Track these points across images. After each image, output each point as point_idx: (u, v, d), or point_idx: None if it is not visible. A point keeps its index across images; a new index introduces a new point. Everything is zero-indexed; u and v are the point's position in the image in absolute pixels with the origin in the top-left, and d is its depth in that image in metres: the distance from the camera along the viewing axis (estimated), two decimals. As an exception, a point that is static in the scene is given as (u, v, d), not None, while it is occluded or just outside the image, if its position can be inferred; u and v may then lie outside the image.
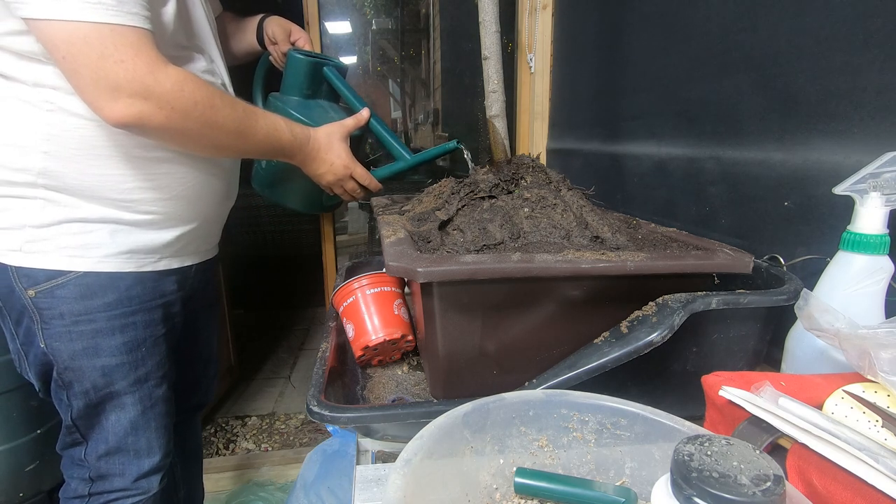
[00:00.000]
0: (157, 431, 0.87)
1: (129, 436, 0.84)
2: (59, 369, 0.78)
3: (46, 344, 0.77)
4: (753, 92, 0.74)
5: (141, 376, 0.83)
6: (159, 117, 0.66)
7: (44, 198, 0.72)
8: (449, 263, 0.51)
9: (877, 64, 0.57)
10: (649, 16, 1.02)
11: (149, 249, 0.81)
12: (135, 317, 0.81)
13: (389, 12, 2.76)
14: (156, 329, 0.84)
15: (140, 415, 0.84)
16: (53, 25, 0.60)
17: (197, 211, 0.86)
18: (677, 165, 0.94)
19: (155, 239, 0.81)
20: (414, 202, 0.83)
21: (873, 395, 0.40)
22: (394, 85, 3.34)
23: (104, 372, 0.79)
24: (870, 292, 0.50)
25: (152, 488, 0.88)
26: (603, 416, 0.42)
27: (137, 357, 0.82)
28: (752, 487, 0.26)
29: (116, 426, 0.83)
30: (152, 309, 0.83)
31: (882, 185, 0.50)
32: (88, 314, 0.77)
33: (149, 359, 0.83)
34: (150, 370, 0.84)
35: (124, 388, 0.82)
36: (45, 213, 0.73)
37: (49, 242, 0.74)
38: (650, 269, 0.53)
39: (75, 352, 0.77)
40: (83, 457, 0.85)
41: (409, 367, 0.76)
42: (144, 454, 0.86)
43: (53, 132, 0.70)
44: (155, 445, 0.87)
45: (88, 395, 0.80)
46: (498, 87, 0.78)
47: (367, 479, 0.53)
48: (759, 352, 0.59)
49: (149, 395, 0.84)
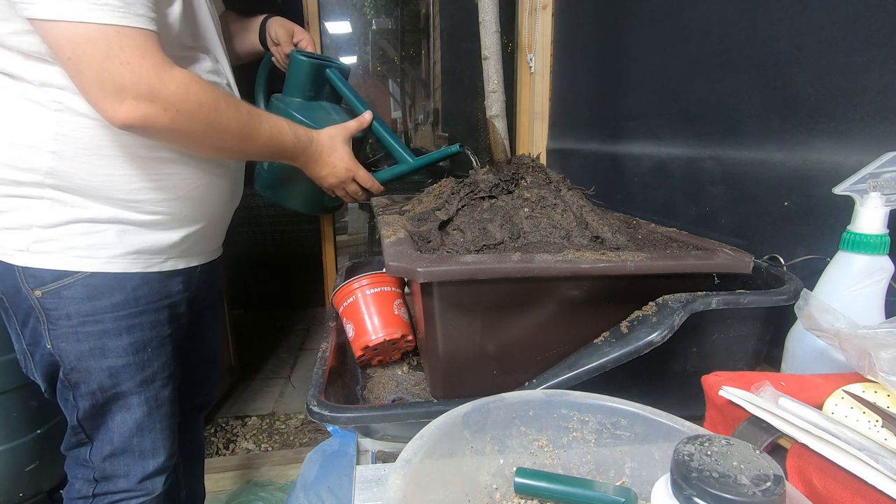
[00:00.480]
0: (162, 432, 0.87)
1: (134, 437, 0.84)
2: (65, 370, 0.78)
3: (53, 345, 0.77)
4: (753, 92, 0.74)
5: (147, 377, 0.83)
6: (164, 119, 0.66)
7: (51, 198, 0.72)
8: (449, 263, 0.51)
9: (877, 64, 0.57)
10: (649, 16, 1.02)
11: (155, 250, 0.81)
12: (141, 317, 0.80)
13: (389, 12, 2.76)
14: (162, 330, 0.84)
15: (146, 416, 0.84)
16: (59, 26, 0.60)
17: (203, 211, 0.86)
18: (677, 165, 0.94)
19: (162, 239, 0.81)
20: (414, 202, 0.83)
21: (873, 395, 0.40)
22: (394, 85, 3.34)
23: (111, 373, 0.79)
24: (870, 292, 0.50)
25: (156, 489, 0.88)
26: (603, 416, 0.42)
27: (144, 358, 0.82)
28: (752, 487, 0.26)
29: (122, 427, 0.83)
30: (158, 310, 0.83)
31: (882, 185, 0.50)
32: (95, 315, 0.76)
33: (155, 360, 0.83)
34: (157, 371, 0.84)
35: (131, 389, 0.81)
36: (52, 213, 0.73)
37: (56, 243, 0.73)
38: (650, 269, 0.53)
39: (82, 352, 0.77)
40: (88, 457, 0.84)
41: (409, 367, 0.76)
42: (149, 455, 0.86)
43: (62, 132, 0.70)
44: (160, 446, 0.87)
45: (95, 396, 0.80)
46: (498, 87, 0.78)
47: (367, 479, 0.53)
48: (759, 352, 0.59)
49: (155, 396, 0.84)
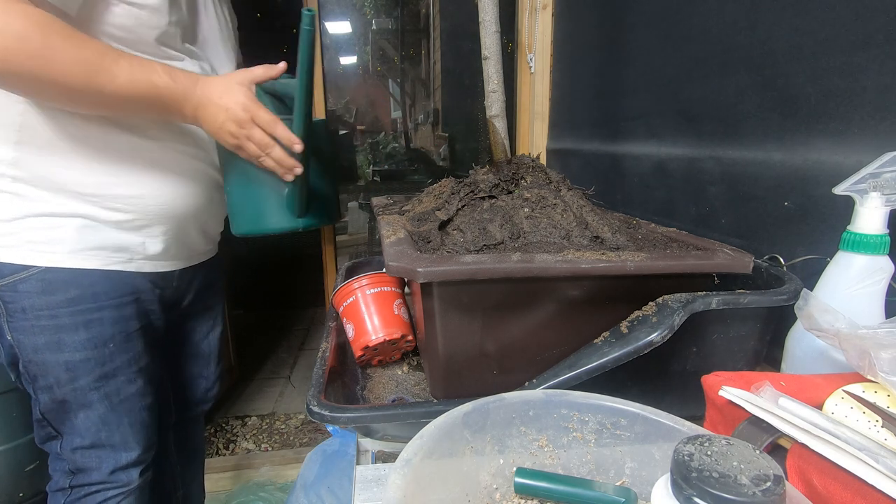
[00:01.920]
0: (132, 427, 0.86)
1: (101, 431, 0.83)
2: (24, 362, 0.78)
3: (13, 336, 0.77)
4: (753, 92, 0.74)
5: (108, 372, 0.82)
6: None
7: (12, 191, 0.72)
8: (449, 263, 0.51)
9: (877, 64, 0.57)
10: (649, 16, 1.02)
11: (117, 247, 0.80)
12: (101, 313, 0.79)
13: (389, 12, 2.76)
14: (127, 325, 0.83)
15: (109, 411, 0.83)
16: None
17: (170, 214, 0.84)
18: (677, 165, 0.94)
19: (125, 238, 0.80)
20: (414, 202, 0.83)
21: (873, 395, 0.40)
22: (394, 85, 3.34)
23: (68, 367, 0.78)
24: (870, 292, 0.50)
25: (132, 481, 0.87)
26: (603, 416, 0.42)
27: (104, 353, 0.80)
28: (752, 487, 0.26)
29: (86, 422, 0.82)
30: (122, 305, 0.81)
31: (882, 185, 0.50)
32: (50, 309, 0.76)
33: (118, 355, 0.82)
34: (120, 366, 0.83)
35: (89, 384, 0.80)
36: (12, 206, 0.73)
37: (14, 237, 0.73)
38: (650, 269, 0.53)
39: (38, 346, 0.77)
40: (59, 450, 0.84)
41: (409, 367, 0.76)
42: (121, 448, 0.85)
43: (26, 123, 0.69)
44: (131, 441, 0.86)
45: (53, 390, 0.79)
46: (498, 87, 0.78)
47: (367, 479, 0.53)
48: (759, 352, 0.59)
49: (117, 391, 0.83)
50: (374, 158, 3.17)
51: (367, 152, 3.22)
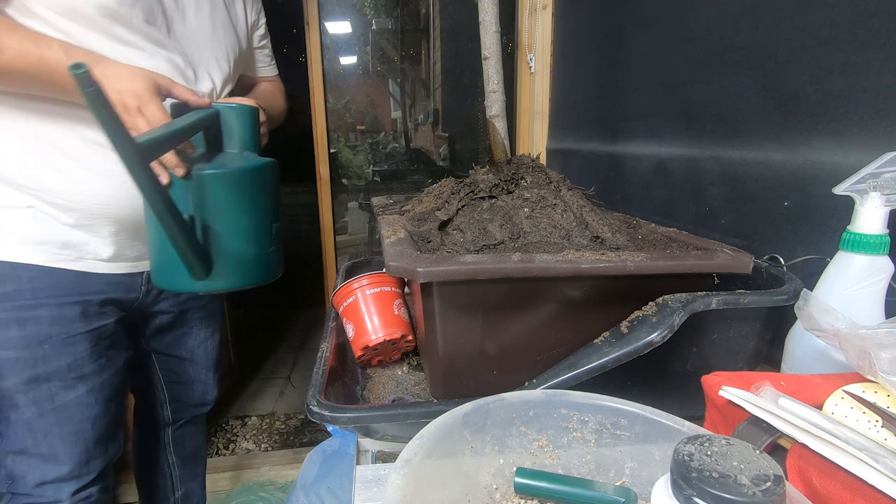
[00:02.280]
0: (63, 439, 0.79)
1: (27, 438, 0.78)
2: None
3: None
4: (753, 92, 0.74)
5: (40, 375, 0.76)
6: None
7: None
8: (449, 263, 0.51)
9: (877, 64, 0.57)
10: (649, 16, 1.02)
11: (63, 244, 0.76)
12: (38, 311, 0.75)
13: (389, 12, 2.75)
14: (69, 327, 0.78)
15: (37, 417, 0.77)
16: None
17: (112, 216, 0.79)
18: (677, 165, 0.94)
19: (71, 235, 0.76)
20: (414, 202, 0.83)
21: (873, 395, 0.40)
22: (394, 85, 3.34)
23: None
24: (870, 292, 0.50)
25: (60, 499, 0.80)
26: (603, 416, 0.42)
27: (38, 354, 0.76)
28: (752, 487, 0.26)
29: (15, 425, 0.77)
30: (64, 305, 0.77)
31: (882, 185, 0.50)
32: None
33: (55, 358, 0.77)
34: (56, 370, 0.77)
35: (16, 386, 0.76)
36: None
37: None
38: (650, 269, 0.53)
39: None
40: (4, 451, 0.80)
41: (409, 367, 0.76)
42: (50, 460, 0.79)
43: None
44: (61, 454, 0.79)
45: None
46: (498, 87, 0.78)
47: (367, 479, 0.53)
48: (759, 352, 0.59)
49: (50, 397, 0.77)
50: (374, 158, 3.16)
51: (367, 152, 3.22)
